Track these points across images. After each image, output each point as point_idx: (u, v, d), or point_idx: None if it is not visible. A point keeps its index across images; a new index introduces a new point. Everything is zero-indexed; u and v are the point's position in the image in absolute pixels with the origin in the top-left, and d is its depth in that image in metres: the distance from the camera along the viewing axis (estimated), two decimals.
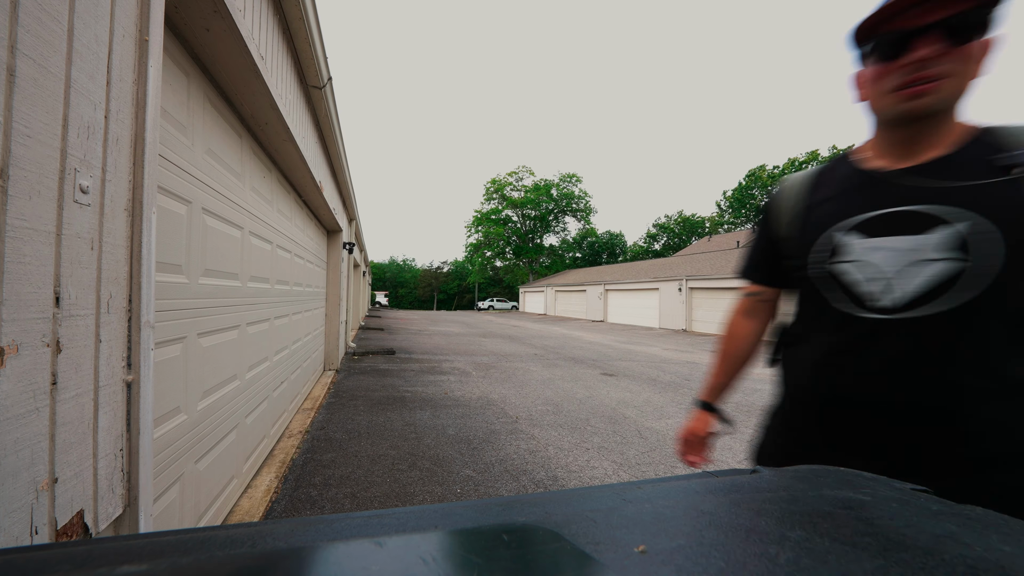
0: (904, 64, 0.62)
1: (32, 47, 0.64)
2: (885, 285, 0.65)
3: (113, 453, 0.83)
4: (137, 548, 0.34)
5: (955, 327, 0.61)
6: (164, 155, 1.31)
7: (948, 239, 0.62)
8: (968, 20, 0.59)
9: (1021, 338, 0.60)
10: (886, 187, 0.68)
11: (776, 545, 0.34)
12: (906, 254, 0.64)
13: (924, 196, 0.64)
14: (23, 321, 0.64)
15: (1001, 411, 0.59)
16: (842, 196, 0.72)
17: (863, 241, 0.68)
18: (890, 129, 0.69)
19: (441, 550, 0.34)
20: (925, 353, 0.62)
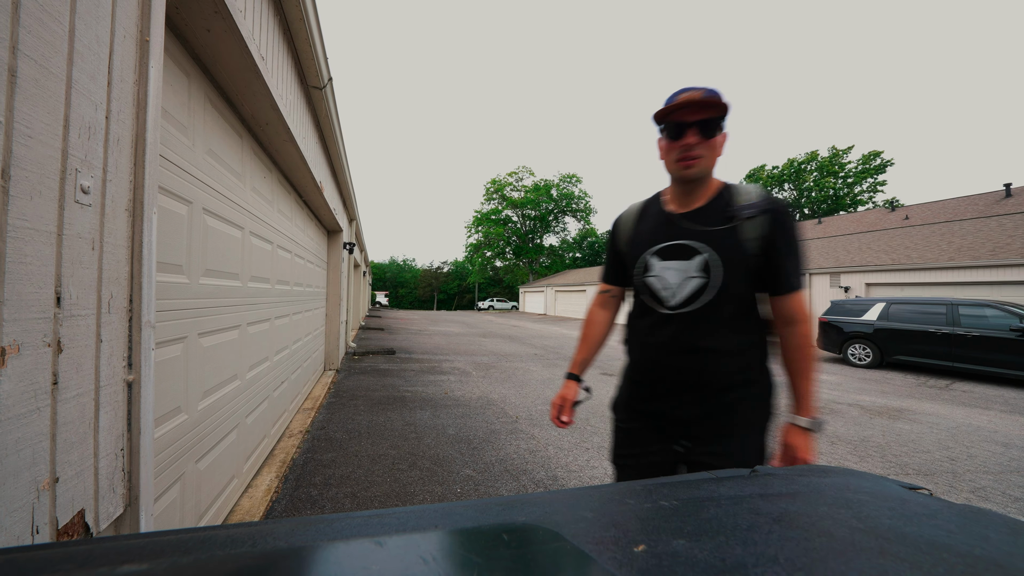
0: (680, 145, 0.99)
1: (33, 48, 0.64)
2: (671, 292, 1.04)
3: (114, 453, 0.84)
4: (138, 548, 0.34)
5: (704, 317, 1.01)
6: (165, 155, 1.31)
7: (700, 264, 1.01)
8: (711, 123, 0.97)
9: (739, 320, 1.02)
10: (673, 226, 1.06)
11: (775, 545, 0.34)
12: (681, 272, 1.03)
13: (690, 234, 1.03)
14: (24, 321, 0.64)
15: (729, 360, 1.01)
16: (652, 229, 1.10)
17: (660, 262, 1.06)
18: (675, 184, 1.07)
19: (441, 550, 0.34)
20: (692, 331, 1.02)
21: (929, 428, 3.82)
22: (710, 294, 0.99)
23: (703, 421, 1.02)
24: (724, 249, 0.99)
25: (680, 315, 1.03)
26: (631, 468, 1.14)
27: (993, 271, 8.72)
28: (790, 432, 1.01)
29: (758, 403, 1.03)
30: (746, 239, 0.98)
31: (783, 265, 0.98)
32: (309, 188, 3.37)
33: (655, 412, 1.09)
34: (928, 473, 2.79)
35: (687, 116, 0.97)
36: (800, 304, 1.00)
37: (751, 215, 0.98)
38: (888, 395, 5.23)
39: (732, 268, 0.98)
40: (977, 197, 17.80)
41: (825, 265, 11.66)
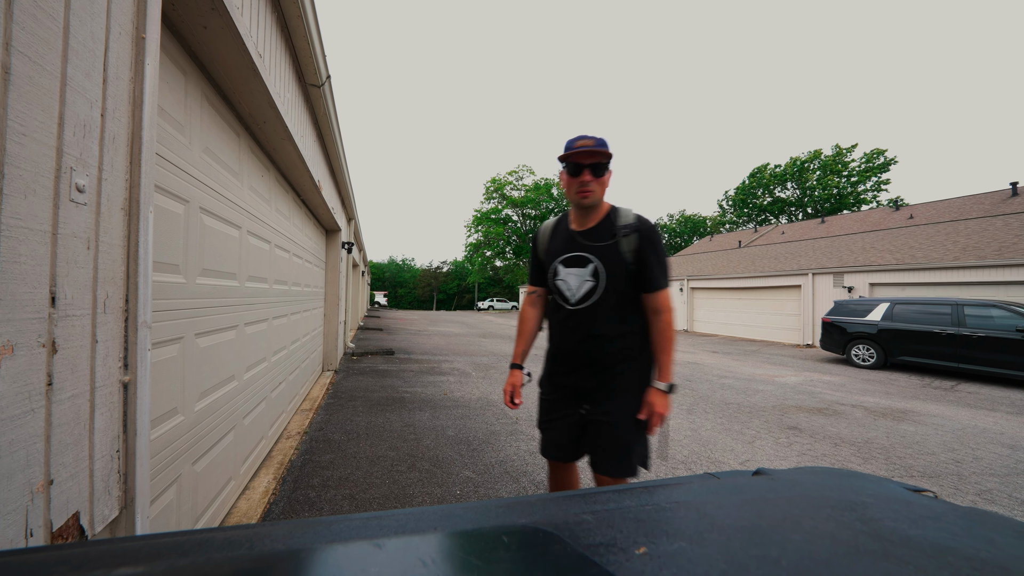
0: (578, 181, 1.32)
1: (27, 44, 0.63)
2: (572, 293, 1.38)
3: (109, 455, 0.83)
4: (134, 550, 0.34)
5: (596, 310, 1.35)
6: (161, 154, 1.30)
7: (592, 270, 1.35)
8: (600, 166, 1.32)
9: (622, 312, 1.35)
10: (573, 241, 1.40)
11: (778, 547, 0.33)
12: (579, 277, 1.37)
13: (584, 248, 1.37)
14: (18, 321, 0.63)
15: (615, 342, 1.35)
16: (560, 243, 1.44)
17: (565, 269, 1.40)
18: (574, 209, 1.43)
19: (441, 552, 0.34)
20: (587, 322, 1.36)
21: (934, 430, 3.82)
22: (599, 293, 1.34)
23: (598, 389, 1.36)
24: (608, 259, 1.33)
25: (579, 310, 1.37)
26: (553, 429, 1.47)
27: (999, 271, 8.65)
28: (651, 393, 1.33)
29: (637, 374, 1.36)
30: (623, 251, 1.32)
31: (651, 270, 1.32)
32: (307, 187, 3.36)
33: (566, 384, 1.43)
34: (933, 475, 2.78)
35: (583, 159, 1.30)
36: (664, 298, 1.34)
37: (627, 233, 1.32)
38: (892, 396, 5.23)
39: (614, 273, 1.32)
40: (983, 196, 17.87)
41: (828, 265, 11.65)
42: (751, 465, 2.87)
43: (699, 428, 3.65)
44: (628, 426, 1.32)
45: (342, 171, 4.54)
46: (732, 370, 6.93)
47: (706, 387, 5.44)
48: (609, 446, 1.34)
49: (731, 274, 14.41)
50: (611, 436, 1.33)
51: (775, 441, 3.37)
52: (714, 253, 21.09)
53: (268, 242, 2.57)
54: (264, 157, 2.50)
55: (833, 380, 6.28)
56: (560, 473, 1.53)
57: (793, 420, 4.00)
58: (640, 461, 1.36)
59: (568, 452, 1.46)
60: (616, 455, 1.33)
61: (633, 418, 1.31)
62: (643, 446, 1.37)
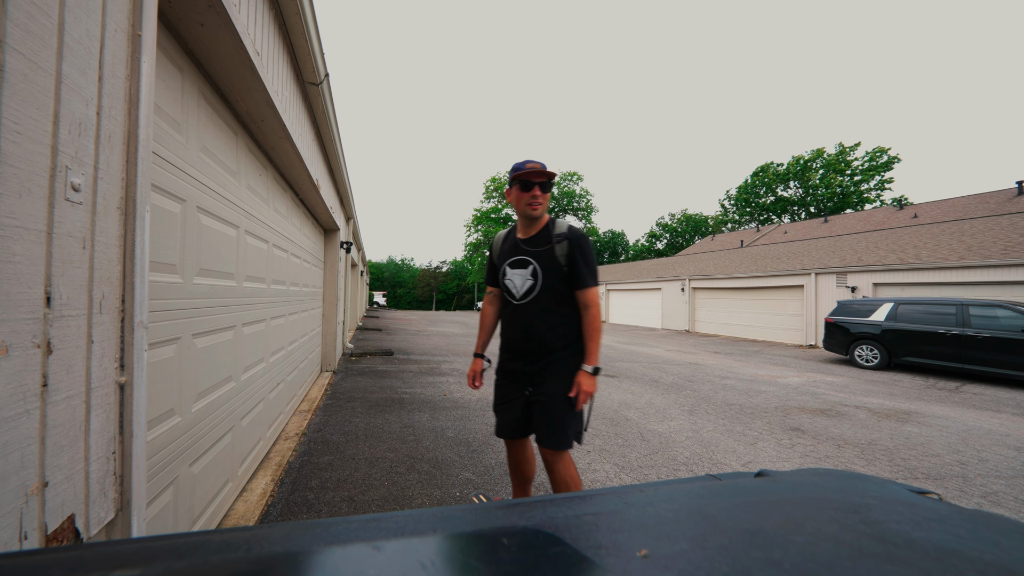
0: (529, 195, 1.58)
1: (21, 42, 0.63)
2: (517, 290, 1.64)
3: (105, 456, 0.82)
4: (130, 553, 0.33)
5: (536, 305, 1.60)
6: (158, 152, 1.29)
7: (531, 271, 1.61)
8: (547, 184, 1.59)
9: (558, 307, 1.60)
10: (518, 247, 1.67)
11: (780, 549, 0.33)
12: (522, 277, 1.63)
13: (527, 252, 1.64)
14: (13, 321, 0.62)
15: (552, 333, 1.60)
16: (508, 248, 1.72)
17: (511, 271, 1.67)
18: (521, 219, 1.68)
19: (440, 554, 0.33)
20: (529, 316, 1.62)
21: (938, 431, 3.80)
22: (537, 290, 1.60)
23: (539, 373, 1.60)
24: (544, 261, 1.59)
25: (522, 304, 1.63)
26: (505, 412, 1.70)
27: (1005, 271, 8.60)
28: (580, 374, 1.55)
29: (572, 360, 1.59)
30: (558, 255, 1.58)
31: (579, 271, 1.57)
32: (305, 186, 3.35)
33: (513, 370, 1.67)
34: (937, 477, 2.78)
35: (534, 178, 1.57)
36: (591, 295, 1.58)
37: (560, 240, 1.58)
38: (896, 397, 5.22)
39: (549, 273, 1.58)
40: (988, 195, 17.89)
41: (831, 265, 11.62)
42: (753, 467, 2.86)
43: (701, 429, 3.65)
44: (563, 404, 1.54)
45: (340, 170, 4.53)
46: (734, 371, 6.93)
47: (708, 388, 5.44)
48: (548, 423, 1.56)
49: (733, 274, 14.41)
50: (549, 414, 1.56)
51: (777, 442, 3.37)
52: (716, 253, 21.09)
53: (266, 242, 2.56)
54: (262, 156, 2.49)
55: (836, 381, 6.27)
56: (515, 449, 1.77)
57: (796, 421, 4.00)
58: (575, 436, 1.58)
59: (518, 431, 1.69)
60: (554, 430, 1.55)
61: (567, 397, 1.54)
62: (577, 422, 1.59)
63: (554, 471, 1.58)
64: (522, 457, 1.76)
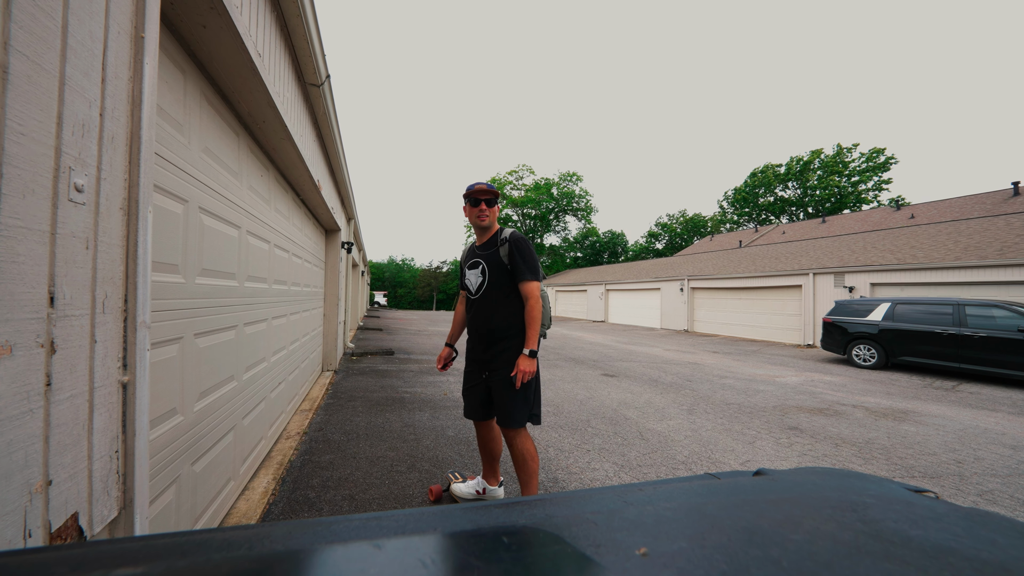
0: (477, 210, 1.96)
1: (26, 44, 0.63)
2: (472, 287, 2.00)
3: (108, 455, 0.83)
4: (133, 551, 0.34)
5: (487, 300, 1.93)
6: (160, 153, 1.30)
7: (481, 270, 1.96)
8: (492, 200, 1.98)
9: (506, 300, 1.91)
10: (474, 252, 2.04)
11: (779, 548, 0.33)
12: (475, 275, 1.98)
13: (479, 256, 1.99)
14: (17, 321, 0.63)
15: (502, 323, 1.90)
16: (467, 254, 2.10)
17: (468, 272, 2.04)
18: (476, 230, 2.03)
19: (440, 553, 0.34)
20: (483, 309, 1.94)
21: (935, 430, 3.81)
22: (486, 286, 1.92)
23: (493, 359, 1.89)
24: (490, 261, 1.92)
25: (477, 299, 1.96)
26: (470, 395, 2.01)
27: (1001, 271, 8.61)
28: (520, 357, 1.79)
29: (517, 346, 1.87)
30: (502, 256, 1.89)
31: (517, 266, 1.86)
32: (307, 187, 3.36)
33: (474, 358, 1.99)
34: (934, 476, 2.78)
35: (479, 195, 1.93)
36: (530, 288, 1.84)
37: (503, 243, 1.90)
38: (893, 396, 5.22)
39: (495, 271, 1.90)
40: (984, 196, 17.87)
41: (829, 265, 11.61)
42: (752, 465, 2.86)
43: (700, 428, 3.65)
44: (511, 386, 1.80)
45: (341, 171, 4.54)
46: (733, 370, 6.93)
47: (707, 387, 5.44)
48: (501, 403, 1.84)
49: (732, 274, 14.40)
50: (501, 395, 1.83)
51: (776, 441, 3.37)
52: (714, 253, 21.08)
53: (267, 242, 2.57)
54: (263, 157, 2.50)
55: (834, 380, 6.27)
56: (482, 430, 2.06)
57: (794, 420, 4.00)
58: (528, 416, 1.85)
59: (481, 412, 1.98)
60: (507, 410, 1.82)
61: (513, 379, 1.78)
62: (526, 403, 1.83)
63: (512, 446, 1.86)
64: (488, 436, 2.05)
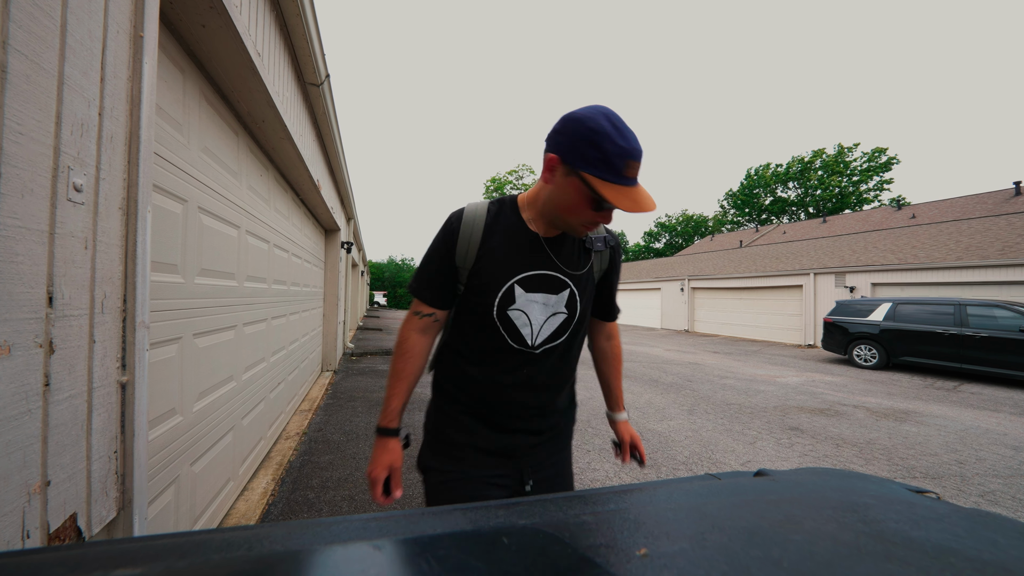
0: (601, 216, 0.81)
1: (24, 43, 0.63)
2: (533, 330, 0.89)
3: (107, 455, 0.82)
4: (131, 552, 0.33)
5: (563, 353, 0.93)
6: (159, 153, 1.29)
7: (567, 298, 0.90)
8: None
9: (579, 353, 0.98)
10: (540, 251, 0.88)
11: (779, 548, 0.33)
12: (547, 307, 0.88)
13: (557, 265, 0.89)
14: (15, 321, 0.63)
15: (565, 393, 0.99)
16: (515, 249, 0.88)
17: (527, 295, 0.88)
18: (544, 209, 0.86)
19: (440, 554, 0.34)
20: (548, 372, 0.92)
21: (936, 430, 3.81)
22: (570, 331, 0.92)
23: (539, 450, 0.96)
24: (582, 282, 0.92)
25: (540, 355, 0.90)
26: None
27: (1002, 271, 8.62)
28: (627, 427, 1.13)
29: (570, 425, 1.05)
30: (594, 272, 0.96)
31: (614, 296, 1.05)
32: (306, 186, 3.36)
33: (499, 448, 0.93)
34: (936, 476, 2.78)
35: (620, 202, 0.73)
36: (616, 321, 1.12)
37: (601, 249, 0.95)
38: (895, 397, 5.22)
39: (586, 302, 0.94)
40: (986, 195, 17.87)
41: (830, 265, 11.63)
42: (752, 466, 2.87)
43: (700, 429, 3.65)
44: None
45: (341, 170, 4.54)
46: (733, 370, 6.93)
47: (707, 388, 5.44)
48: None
49: (732, 274, 14.41)
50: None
51: (776, 442, 3.37)
52: (715, 253, 21.09)
53: (267, 242, 2.56)
54: (263, 156, 2.50)
55: (835, 380, 6.28)
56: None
57: (795, 421, 4.00)
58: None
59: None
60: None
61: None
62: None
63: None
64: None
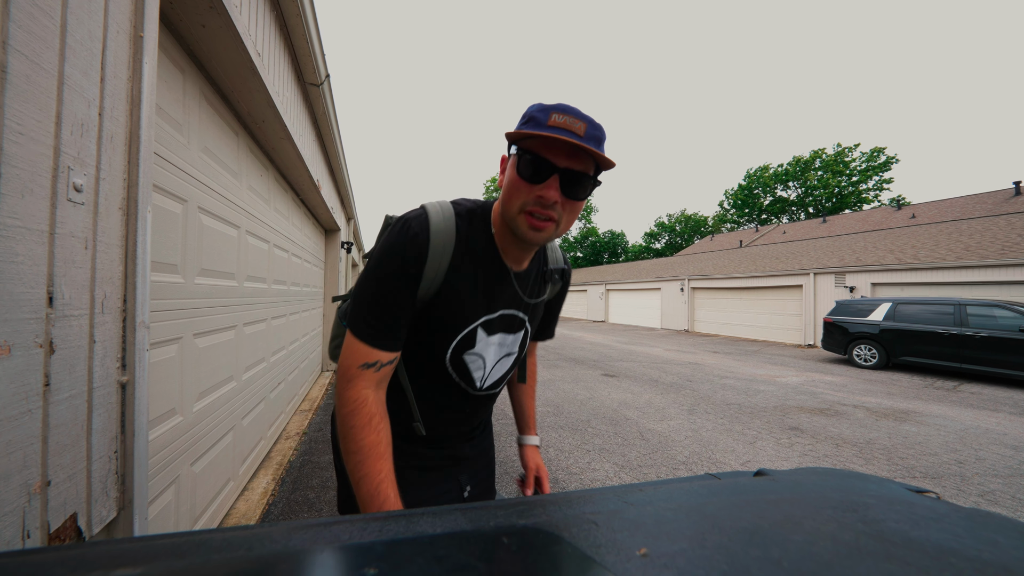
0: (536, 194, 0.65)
1: (24, 43, 0.63)
2: (484, 372, 0.80)
3: (107, 455, 0.82)
4: (131, 552, 0.33)
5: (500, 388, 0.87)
6: (159, 153, 1.29)
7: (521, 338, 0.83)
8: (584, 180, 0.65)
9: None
10: (507, 288, 0.77)
11: (779, 548, 0.33)
12: (501, 348, 0.80)
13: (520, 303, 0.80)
14: (15, 321, 0.63)
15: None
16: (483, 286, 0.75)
17: (488, 337, 0.78)
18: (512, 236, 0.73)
19: (440, 554, 0.34)
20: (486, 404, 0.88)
21: (936, 430, 3.81)
22: (515, 367, 0.86)
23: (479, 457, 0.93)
24: (535, 316, 0.85)
25: (486, 396, 0.84)
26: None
27: (1002, 271, 8.62)
28: (535, 455, 0.97)
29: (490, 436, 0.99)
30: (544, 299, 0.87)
31: (556, 316, 0.98)
32: (306, 186, 3.36)
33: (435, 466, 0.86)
34: (935, 476, 2.78)
35: (558, 156, 0.61)
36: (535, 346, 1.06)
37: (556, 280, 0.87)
38: (894, 396, 5.23)
39: (532, 335, 0.89)
40: (985, 195, 17.88)
41: (830, 265, 11.63)
42: (752, 466, 2.87)
43: (700, 428, 3.65)
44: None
45: (341, 170, 4.54)
46: (733, 370, 6.93)
47: (707, 387, 5.44)
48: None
49: (732, 274, 14.41)
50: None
51: (776, 442, 3.37)
52: (715, 253, 21.10)
53: (267, 242, 2.57)
54: (263, 156, 2.50)
55: (835, 380, 6.28)
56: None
57: (794, 421, 4.00)
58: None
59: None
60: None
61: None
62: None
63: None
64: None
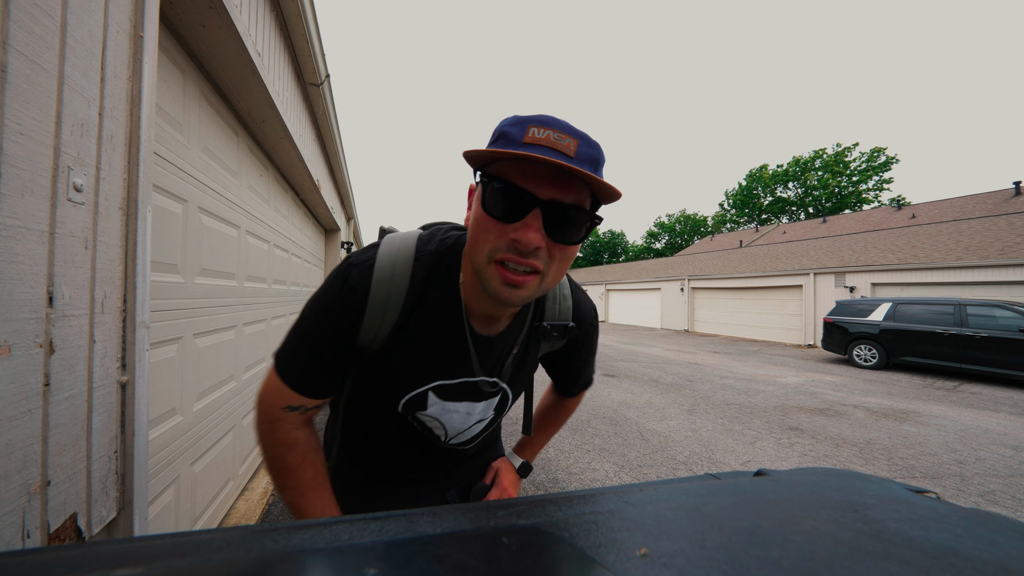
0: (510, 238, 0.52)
1: (24, 43, 0.63)
2: (447, 434, 0.76)
3: (107, 455, 0.82)
4: (131, 551, 0.33)
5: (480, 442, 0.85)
6: (159, 153, 1.29)
7: (496, 404, 0.77)
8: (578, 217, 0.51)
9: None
10: (468, 357, 0.68)
11: (779, 548, 0.33)
12: (469, 416, 0.75)
13: (492, 370, 0.71)
14: (15, 321, 0.63)
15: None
16: (434, 351, 0.67)
17: (441, 403, 0.72)
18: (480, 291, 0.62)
19: (440, 553, 0.34)
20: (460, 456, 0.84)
21: (936, 430, 3.82)
22: (489, 424, 0.81)
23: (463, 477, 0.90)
24: (519, 378, 0.76)
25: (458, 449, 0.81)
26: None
27: (1002, 271, 8.64)
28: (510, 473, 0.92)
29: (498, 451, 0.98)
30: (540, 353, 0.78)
31: (584, 368, 0.85)
32: (306, 186, 3.36)
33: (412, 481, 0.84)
34: (935, 476, 2.78)
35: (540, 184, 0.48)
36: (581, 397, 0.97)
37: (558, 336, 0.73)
38: (894, 397, 5.23)
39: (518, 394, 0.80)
40: (985, 195, 17.90)
41: (830, 265, 11.64)
42: (752, 466, 2.87)
43: (700, 428, 3.65)
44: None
45: (341, 170, 4.54)
46: (733, 370, 6.93)
47: (707, 387, 5.44)
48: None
49: (732, 274, 14.42)
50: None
51: (776, 442, 3.37)
52: (715, 253, 21.10)
53: (267, 242, 2.57)
54: (263, 156, 2.50)
55: (835, 380, 6.28)
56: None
57: (794, 421, 4.00)
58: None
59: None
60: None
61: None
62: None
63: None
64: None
